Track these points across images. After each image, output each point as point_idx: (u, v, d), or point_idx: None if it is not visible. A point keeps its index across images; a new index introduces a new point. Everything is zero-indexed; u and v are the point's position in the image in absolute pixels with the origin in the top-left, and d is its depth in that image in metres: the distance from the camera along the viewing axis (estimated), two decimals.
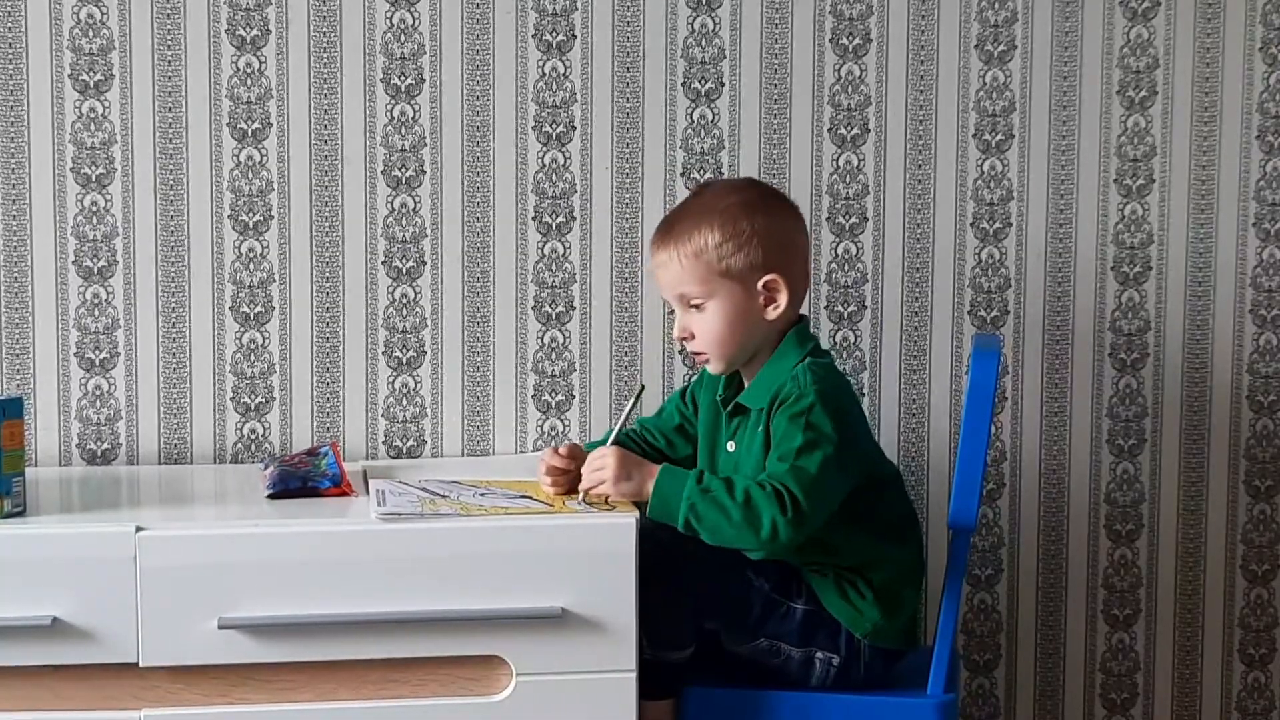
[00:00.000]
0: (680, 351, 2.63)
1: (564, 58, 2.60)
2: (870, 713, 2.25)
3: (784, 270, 2.25)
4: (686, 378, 2.65)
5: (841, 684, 2.26)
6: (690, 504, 2.14)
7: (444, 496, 2.25)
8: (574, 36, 2.59)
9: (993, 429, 2.50)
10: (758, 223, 2.24)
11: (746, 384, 2.32)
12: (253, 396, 2.61)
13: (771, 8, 2.61)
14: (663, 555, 2.19)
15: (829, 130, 2.64)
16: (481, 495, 2.27)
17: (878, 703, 2.25)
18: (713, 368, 2.31)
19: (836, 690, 2.25)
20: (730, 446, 2.31)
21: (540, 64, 2.59)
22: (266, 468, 2.42)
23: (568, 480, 2.30)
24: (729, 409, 2.32)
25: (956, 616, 2.26)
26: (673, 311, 2.34)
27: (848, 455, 2.19)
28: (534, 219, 2.62)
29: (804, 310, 2.52)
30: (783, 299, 2.25)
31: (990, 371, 2.22)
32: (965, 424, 2.21)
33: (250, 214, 2.57)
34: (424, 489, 2.29)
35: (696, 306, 2.26)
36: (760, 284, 2.24)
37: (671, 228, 2.29)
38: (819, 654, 2.25)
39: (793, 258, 2.27)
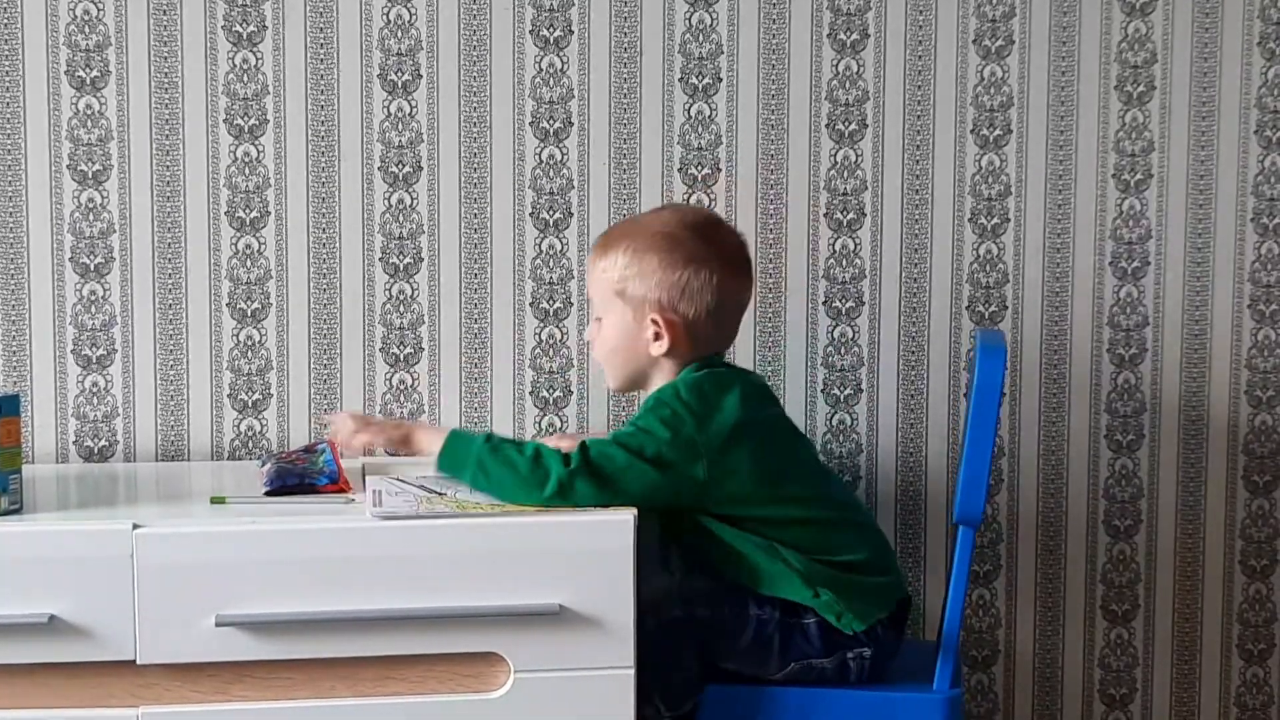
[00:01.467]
0: None
1: (561, 53, 2.59)
2: (876, 708, 2.25)
3: (679, 314, 2.24)
4: None
5: (879, 673, 2.26)
6: (478, 460, 2.17)
7: (440, 494, 2.25)
8: (571, 32, 2.59)
9: None
10: (669, 261, 2.24)
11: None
12: (250, 393, 2.60)
13: (769, 2, 2.61)
14: (665, 627, 2.21)
15: (827, 125, 2.64)
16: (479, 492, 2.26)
17: (884, 698, 2.25)
18: (608, 382, 2.35)
19: (875, 681, 2.26)
20: None
21: (538, 59, 2.59)
22: (264, 465, 2.41)
23: None
24: None
25: (961, 611, 2.26)
26: None
27: (672, 453, 2.18)
28: (531, 215, 2.62)
29: (800, 309, 2.53)
30: (667, 340, 2.25)
31: (997, 367, 2.21)
32: (972, 419, 2.21)
33: (247, 210, 2.57)
34: (421, 486, 2.29)
35: (599, 319, 2.31)
36: (648, 319, 2.25)
37: (606, 236, 2.34)
38: (849, 654, 2.25)
39: (700, 306, 2.25)
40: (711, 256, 2.27)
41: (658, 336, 2.25)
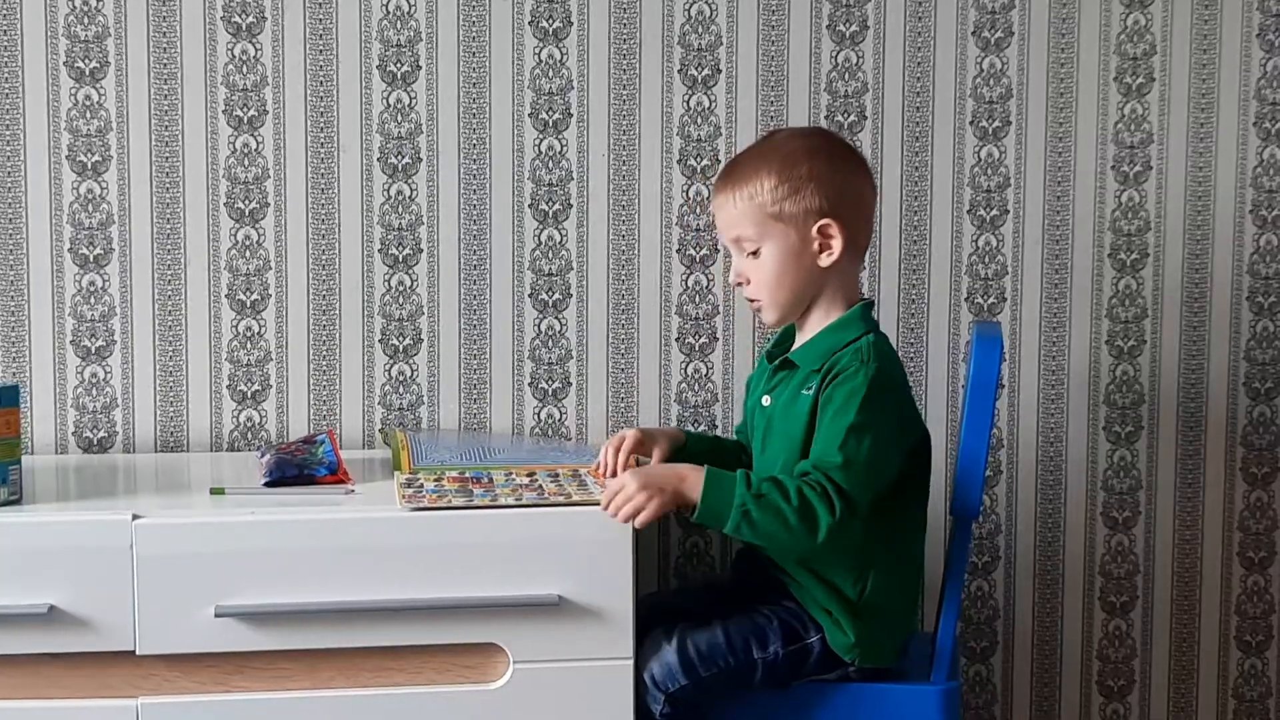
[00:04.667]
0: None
1: (560, 44, 2.59)
2: (875, 701, 2.24)
3: (840, 217, 2.21)
4: (682, 367, 2.65)
5: (880, 673, 2.26)
6: (743, 509, 2.10)
7: (484, 483, 2.24)
8: (570, 23, 2.59)
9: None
10: (816, 167, 2.20)
11: (799, 342, 2.28)
12: (249, 384, 2.60)
13: None
14: (673, 699, 2.19)
15: (826, 117, 2.64)
16: (524, 484, 2.25)
17: (882, 690, 2.25)
18: (766, 317, 2.27)
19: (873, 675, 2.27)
20: (765, 401, 2.28)
21: (537, 50, 2.59)
22: (263, 456, 2.41)
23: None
24: (775, 364, 2.29)
25: (959, 604, 2.26)
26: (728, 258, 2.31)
27: (897, 436, 2.18)
28: (531, 206, 2.62)
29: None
30: (837, 245, 2.21)
31: (993, 359, 2.21)
32: (968, 411, 2.21)
33: (246, 201, 2.57)
34: (466, 475, 2.28)
35: (754, 254, 2.24)
36: (814, 229, 2.20)
37: (732, 170, 2.26)
38: (851, 669, 2.25)
39: (852, 206, 2.23)
40: (847, 157, 2.27)
41: (823, 248, 2.21)
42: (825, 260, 2.21)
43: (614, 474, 2.26)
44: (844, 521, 2.09)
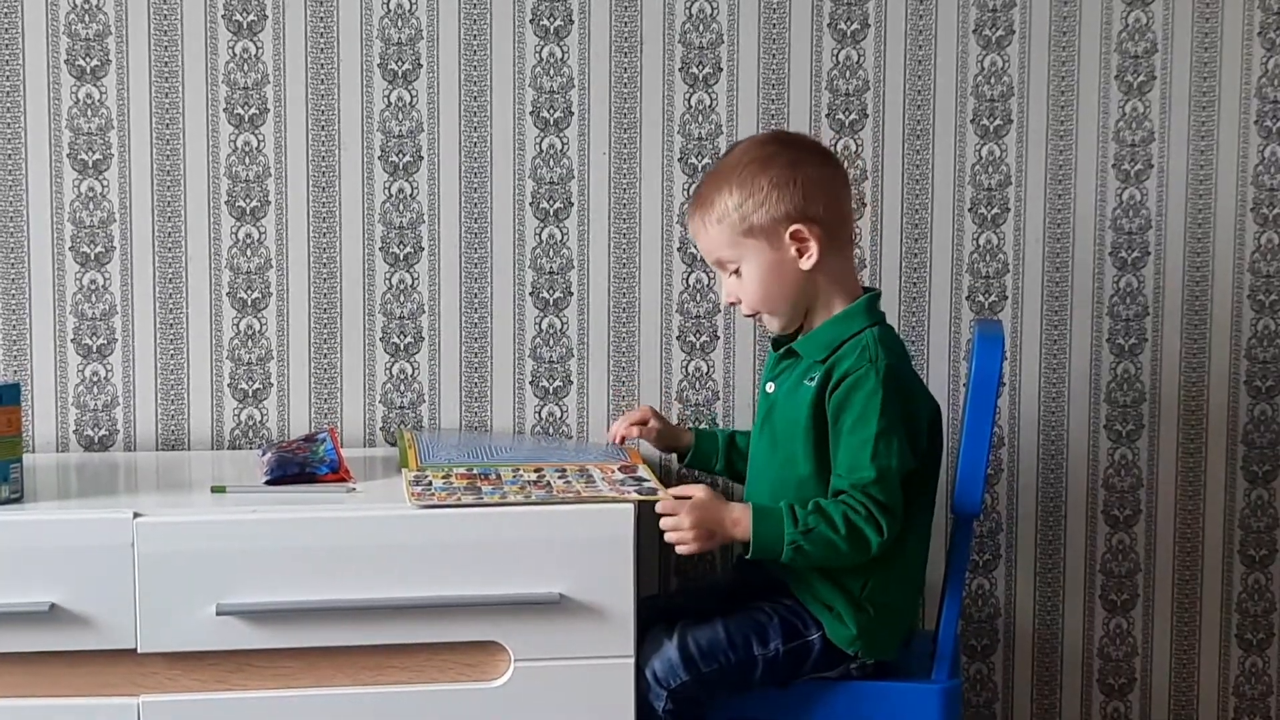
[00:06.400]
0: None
1: (562, 43, 2.59)
2: (876, 699, 2.25)
3: (811, 217, 2.20)
4: (683, 365, 2.65)
5: (881, 671, 2.26)
6: (794, 547, 2.14)
7: (492, 479, 2.24)
8: (571, 21, 2.59)
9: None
10: (775, 175, 2.20)
11: (803, 332, 2.28)
12: (250, 382, 2.60)
13: None
14: (675, 694, 2.19)
15: (827, 115, 2.64)
16: (533, 481, 2.25)
17: (883, 689, 2.25)
18: (771, 326, 2.29)
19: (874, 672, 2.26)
20: (770, 387, 2.29)
21: (538, 49, 2.59)
22: (264, 454, 2.41)
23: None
24: (780, 351, 2.30)
25: (960, 602, 2.26)
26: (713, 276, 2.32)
27: (915, 430, 2.20)
28: (531, 205, 2.62)
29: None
30: (814, 247, 2.20)
31: (994, 357, 2.21)
32: (970, 410, 2.21)
33: (248, 200, 2.57)
34: (474, 472, 2.28)
35: (736, 272, 2.25)
36: (787, 235, 2.21)
37: (697, 196, 2.28)
38: (853, 666, 2.25)
39: (820, 202, 2.22)
40: (806, 156, 2.25)
41: (801, 252, 2.21)
42: (806, 264, 2.22)
43: (617, 439, 2.44)
44: (891, 533, 2.14)
